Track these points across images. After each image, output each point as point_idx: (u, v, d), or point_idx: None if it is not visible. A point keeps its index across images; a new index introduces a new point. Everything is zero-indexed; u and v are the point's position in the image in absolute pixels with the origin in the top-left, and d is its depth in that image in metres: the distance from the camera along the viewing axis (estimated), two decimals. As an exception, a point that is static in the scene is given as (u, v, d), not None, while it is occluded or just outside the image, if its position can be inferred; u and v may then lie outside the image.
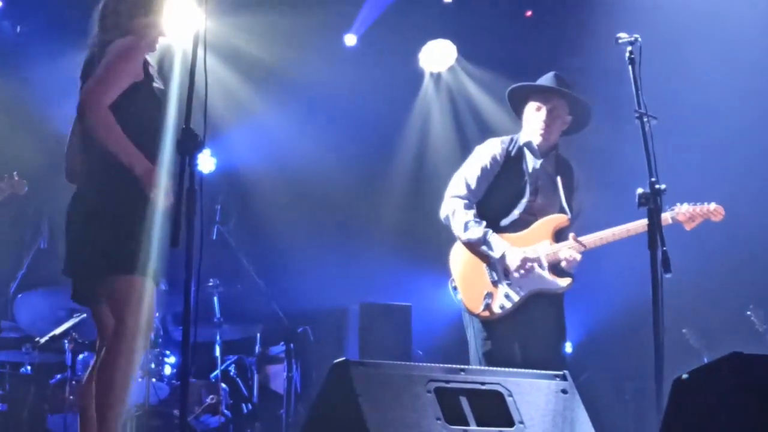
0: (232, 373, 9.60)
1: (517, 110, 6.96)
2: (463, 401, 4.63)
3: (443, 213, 6.79)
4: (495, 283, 6.59)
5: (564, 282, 6.60)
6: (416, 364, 4.88)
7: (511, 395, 4.73)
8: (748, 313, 9.19)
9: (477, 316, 6.59)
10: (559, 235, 6.67)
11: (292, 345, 9.36)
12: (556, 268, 6.61)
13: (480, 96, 10.73)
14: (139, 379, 8.06)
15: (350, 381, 4.44)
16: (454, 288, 6.73)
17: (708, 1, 9.62)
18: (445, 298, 6.89)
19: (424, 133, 11.05)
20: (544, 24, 10.68)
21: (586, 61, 9.52)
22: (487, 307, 6.54)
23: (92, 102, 4.98)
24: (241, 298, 9.57)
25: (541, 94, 6.81)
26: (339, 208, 10.64)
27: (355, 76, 10.41)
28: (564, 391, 4.92)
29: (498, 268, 6.60)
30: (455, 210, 6.70)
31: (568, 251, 6.53)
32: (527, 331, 6.61)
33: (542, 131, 6.76)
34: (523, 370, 5.19)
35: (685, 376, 3.21)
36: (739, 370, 2.93)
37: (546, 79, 6.84)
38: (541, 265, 6.57)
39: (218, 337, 9.25)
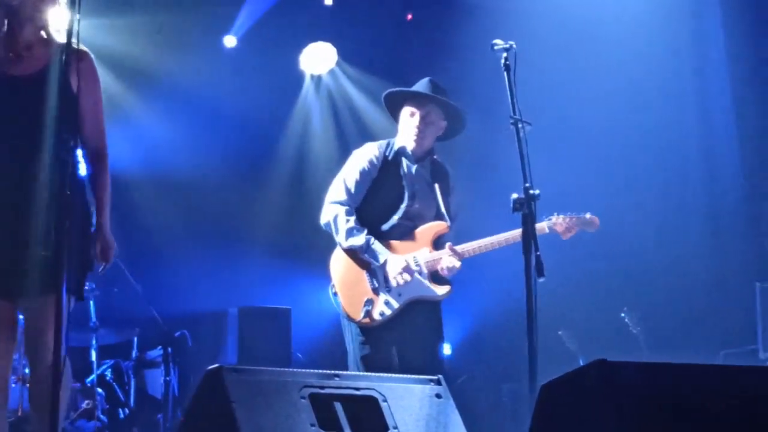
0: (108, 378, 9.47)
1: (394, 114, 6.97)
2: (338, 407, 4.61)
3: (324, 219, 6.77)
4: (375, 290, 6.61)
5: (443, 290, 6.65)
6: (291, 369, 4.86)
7: (385, 400, 4.72)
8: (622, 315, 9.33)
9: (357, 323, 6.60)
10: (439, 242, 6.71)
11: (169, 349, 9.24)
12: (435, 276, 6.65)
13: (360, 99, 10.73)
14: (13, 385, 7.90)
15: (224, 388, 4.40)
16: (335, 294, 6.73)
17: (582, 8, 9.76)
18: (326, 300, 6.87)
19: (304, 136, 11.02)
20: (425, 28, 10.73)
21: (464, 66, 9.59)
22: (368, 314, 6.56)
23: None
24: (117, 302, 9.43)
25: (415, 100, 6.82)
26: (218, 210, 10.55)
27: (235, 77, 10.34)
28: (438, 396, 4.92)
29: (379, 276, 6.62)
30: (337, 216, 6.68)
31: (448, 259, 6.57)
32: (405, 336, 6.64)
33: (416, 137, 6.78)
34: (397, 375, 5.20)
35: (552, 381, 3.24)
36: (605, 376, 2.97)
37: (420, 85, 6.86)
38: (421, 273, 6.61)
39: (94, 342, 9.10)
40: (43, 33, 5.08)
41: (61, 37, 4.69)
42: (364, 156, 6.85)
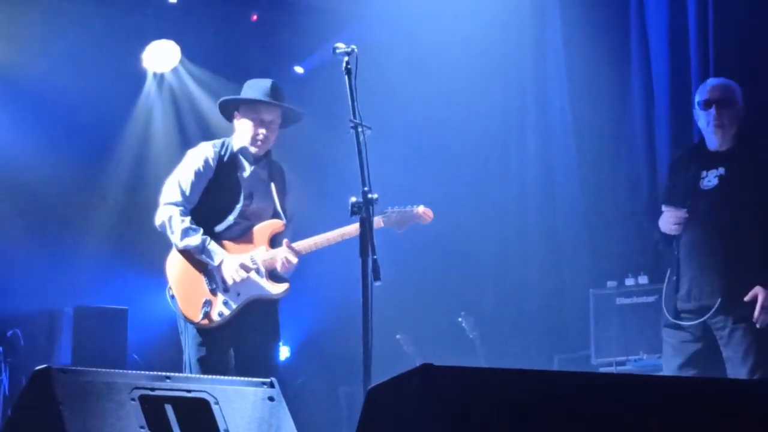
0: (-65, 380, 9.23)
1: (229, 117, 6.93)
2: (168, 409, 4.59)
3: (158, 220, 6.69)
4: (213, 291, 6.58)
5: (281, 288, 6.67)
6: (121, 371, 4.82)
7: (217, 403, 4.72)
8: (459, 319, 9.42)
9: (196, 324, 6.55)
10: (275, 241, 6.72)
11: (1, 348, 9.05)
12: (273, 274, 6.65)
13: (203, 98, 10.62)
14: None
15: (52, 389, 4.34)
16: (172, 296, 6.68)
17: (424, 12, 9.86)
18: (164, 301, 6.81)
19: (145, 134, 10.84)
20: (269, 29, 10.70)
21: (307, 68, 9.61)
22: (206, 315, 6.53)
23: None
24: (-55, 300, 9.21)
25: (260, 106, 6.78)
26: (54, 207, 10.30)
27: (76, 73, 10.14)
28: (271, 399, 4.94)
29: (216, 276, 6.59)
30: (171, 217, 6.61)
31: (285, 256, 6.57)
32: (242, 337, 6.65)
33: (260, 142, 6.74)
34: (229, 378, 5.19)
35: (378, 386, 3.26)
36: (429, 381, 3.00)
37: (262, 90, 6.78)
38: (258, 272, 6.60)
39: None
40: None
41: None
42: (198, 156, 6.78)
